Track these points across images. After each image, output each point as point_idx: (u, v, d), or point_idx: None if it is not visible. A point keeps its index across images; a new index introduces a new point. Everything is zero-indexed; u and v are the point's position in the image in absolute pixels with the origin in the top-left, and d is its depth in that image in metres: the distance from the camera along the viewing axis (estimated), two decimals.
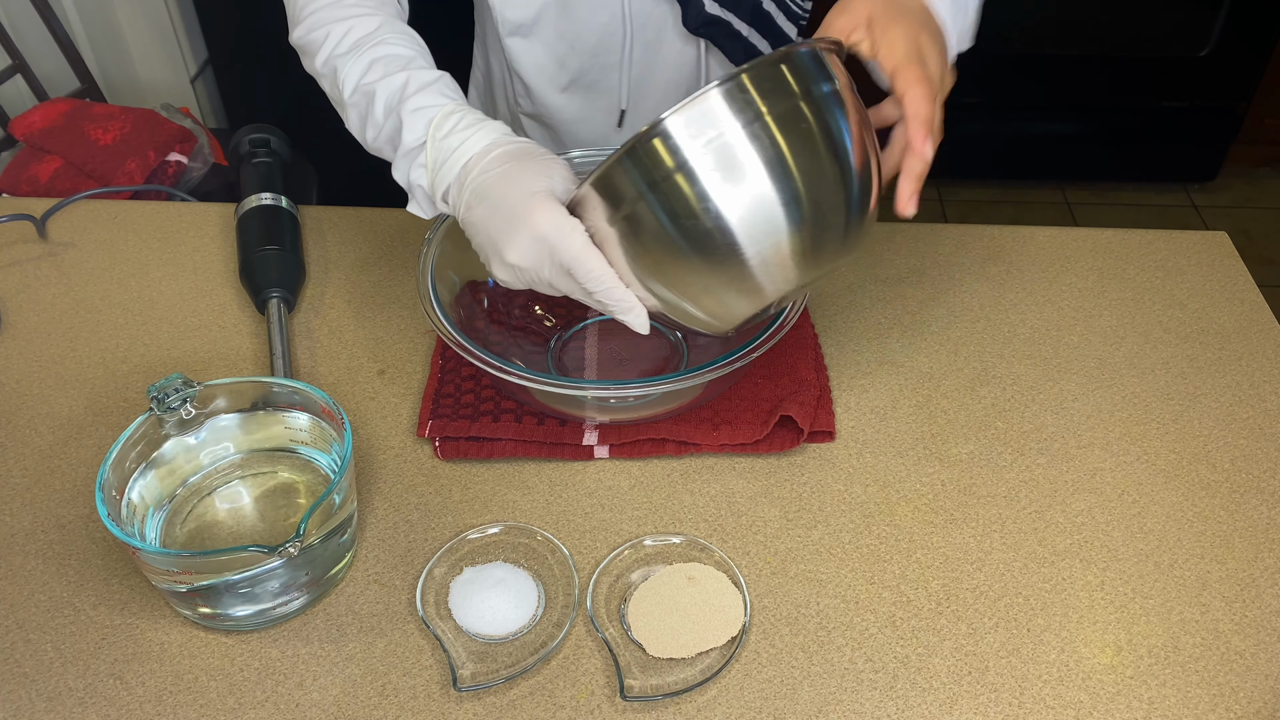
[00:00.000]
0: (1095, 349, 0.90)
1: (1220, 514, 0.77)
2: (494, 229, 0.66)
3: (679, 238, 0.62)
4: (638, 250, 0.64)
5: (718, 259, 0.63)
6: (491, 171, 0.67)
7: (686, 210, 0.61)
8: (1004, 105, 2.51)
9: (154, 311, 0.94)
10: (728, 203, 0.61)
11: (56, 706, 0.65)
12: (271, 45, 2.10)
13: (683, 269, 0.64)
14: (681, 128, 0.60)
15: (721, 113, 0.60)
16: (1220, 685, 0.66)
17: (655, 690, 0.65)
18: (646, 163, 0.61)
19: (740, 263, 0.63)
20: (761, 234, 0.62)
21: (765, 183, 0.61)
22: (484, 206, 0.66)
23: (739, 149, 0.60)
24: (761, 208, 0.61)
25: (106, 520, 0.63)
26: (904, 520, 0.76)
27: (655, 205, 0.62)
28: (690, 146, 0.60)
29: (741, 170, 0.61)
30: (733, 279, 0.64)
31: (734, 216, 0.61)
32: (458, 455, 0.79)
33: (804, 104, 0.62)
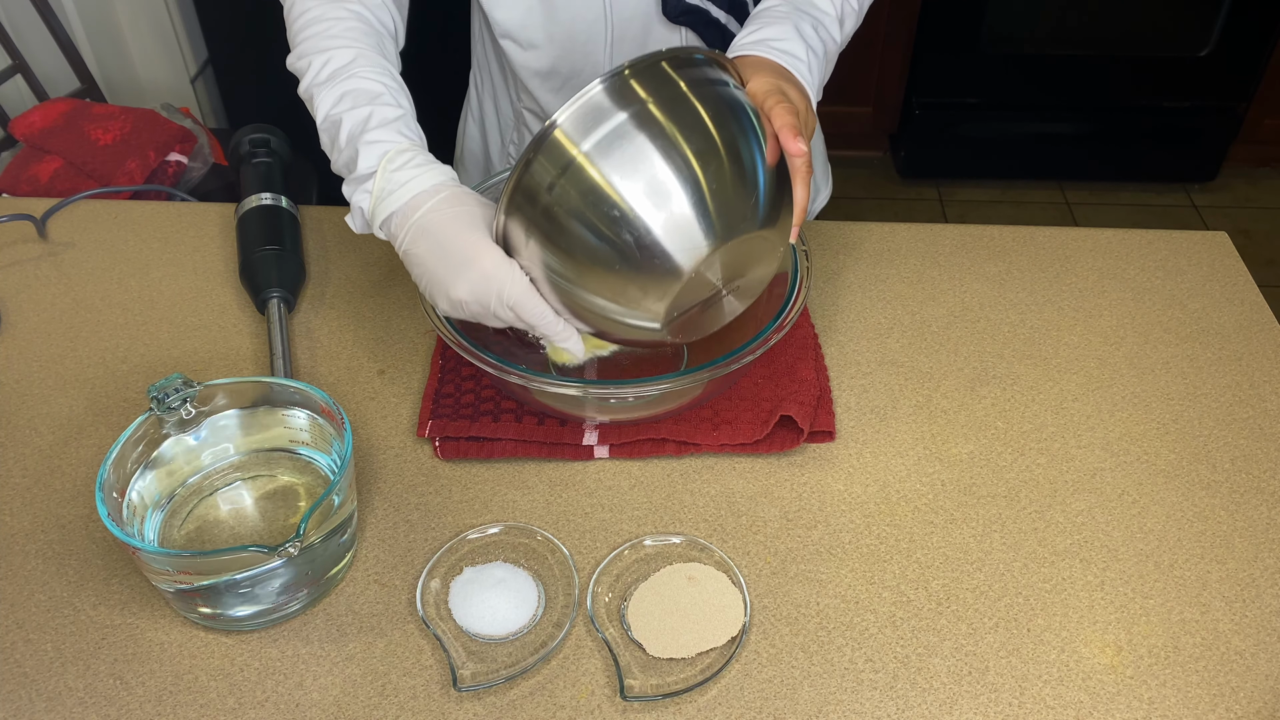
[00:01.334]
0: (1095, 349, 0.90)
1: (1220, 514, 0.77)
2: (440, 267, 0.70)
3: (588, 229, 0.65)
4: (557, 256, 0.67)
5: (626, 244, 0.65)
6: (439, 212, 0.70)
7: (591, 200, 0.65)
8: (1004, 105, 2.51)
9: (154, 311, 0.94)
10: (624, 181, 0.64)
11: (56, 706, 0.65)
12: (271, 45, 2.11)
13: (599, 262, 0.66)
14: (571, 127, 0.65)
15: (605, 106, 0.64)
16: (1220, 685, 0.66)
17: (655, 690, 0.65)
18: (542, 167, 0.65)
19: (649, 242, 0.65)
20: (660, 210, 0.65)
21: (655, 156, 0.64)
22: (428, 243, 0.70)
23: (626, 137, 0.64)
24: (654, 187, 0.64)
25: (106, 520, 0.63)
26: (904, 520, 0.76)
27: (561, 204, 0.65)
28: (582, 142, 0.64)
29: (632, 157, 0.64)
30: (648, 262, 0.66)
31: (633, 201, 0.64)
32: (458, 455, 0.79)
33: (686, 90, 0.67)
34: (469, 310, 0.71)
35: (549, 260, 0.68)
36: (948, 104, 2.51)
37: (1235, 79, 2.43)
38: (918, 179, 2.66)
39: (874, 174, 2.69)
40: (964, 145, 2.58)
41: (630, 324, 0.70)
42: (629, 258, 0.66)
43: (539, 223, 0.67)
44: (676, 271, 0.66)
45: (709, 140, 0.66)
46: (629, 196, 0.64)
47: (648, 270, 0.66)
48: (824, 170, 1.21)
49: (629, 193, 0.64)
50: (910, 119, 2.53)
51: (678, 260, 0.66)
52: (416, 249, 0.71)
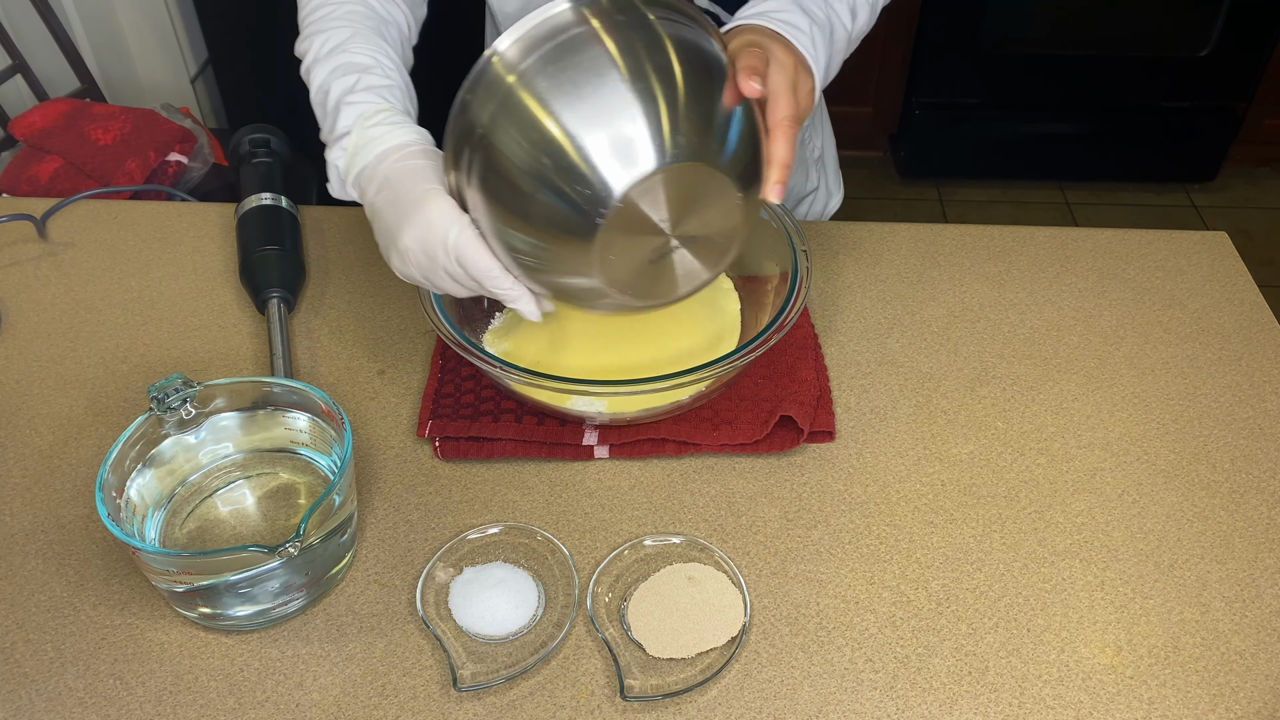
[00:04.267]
0: (1095, 349, 0.90)
1: (1220, 514, 0.77)
2: (392, 215, 0.70)
3: (518, 161, 0.62)
4: (494, 199, 0.64)
5: (546, 161, 0.61)
6: (401, 164, 0.71)
7: (522, 127, 0.62)
8: (1004, 105, 2.51)
9: (154, 311, 0.94)
10: (554, 102, 0.61)
11: (56, 706, 0.65)
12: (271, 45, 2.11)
13: (527, 196, 0.63)
14: (513, 47, 0.62)
15: (551, 29, 0.62)
16: (1220, 685, 0.66)
17: (655, 690, 0.65)
18: (484, 85, 0.63)
19: (575, 154, 0.61)
20: (592, 121, 0.61)
21: (596, 78, 0.61)
22: (387, 193, 0.71)
23: (572, 54, 0.61)
24: (593, 97, 0.61)
25: (106, 520, 0.63)
26: (904, 520, 0.76)
27: (495, 138, 0.63)
28: (517, 65, 0.62)
29: (576, 74, 0.61)
30: (573, 180, 0.61)
31: (561, 112, 0.61)
32: (458, 455, 0.79)
33: (625, 17, 0.63)
34: (416, 262, 0.70)
35: (490, 206, 0.65)
36: (948, 104, 2.51)
37: (1235, 79, 2.43)
38: (918, 179, 2.66)
39: (874, 174, 2.69)
40: (964, 145, 2.58)
41: (570, 273, 0.65)
42: (554, 184, 0.61)
43: (477, 165, 0.64)
44: (606, 193, 0.60)
45: (656, 61, 0.61)
46: (558, 114, 0.60)
47: (577, 199, 0.61)
48: (835, 175, 1.20)
49: (558, 110, 0.60)
50: (910, 119, 2.53)
51: (607, 179, 0.60)
52: (378, 199, 0.72)
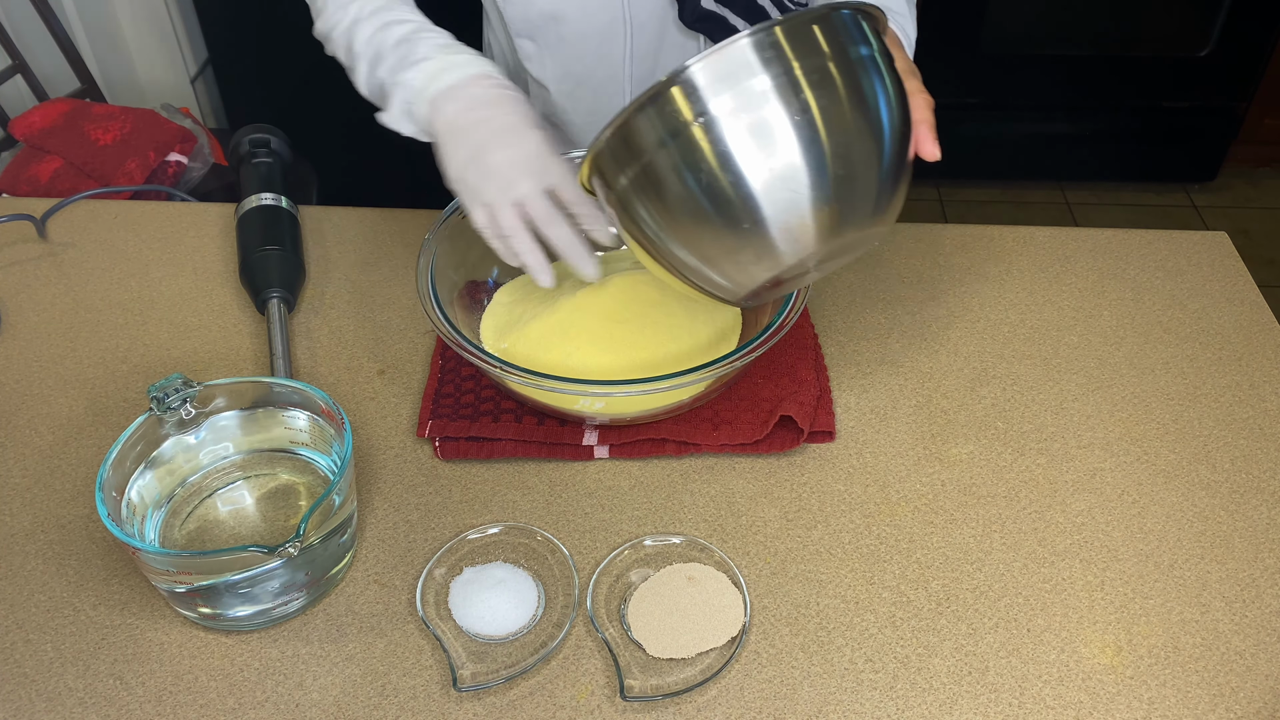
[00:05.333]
0: (1095, 349, 0.90)
1: (1220, 514, 0.76)
2: (485, 133, 0.73)
3: (697, 193, 0.62)
4: (653, 206, 0.64)
5: (735, 219, 0.62)
6: (495, 91, 0.75)
7: (705, 166, 0.60)
8: (1004, 105, 2.51)
9: (154, 311, 0.94)
10: (750, 161, 0.60)
11: (56, 706, 0.65)
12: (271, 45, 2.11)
13: (699, 227, 0.63)
14: (705, 76, 0.59)
15: (748, 64, 0.59)
16: (1220, 685, 0.66)
17: (655, 690, 0.65)
18: (667, 111, 0.60)
19: (760, 225, 0.62)
20: (784, 196, 0.61)
21: (791, 144, 0.59)
22: (481, 113, 0.74)
23: (766, 106, 0.59)
24: (785, 169, 0.60)
25: (106, 520, 0.63)
26: (904, 520, 0.76)
27: (674, 157, 0.61)
28: (713, 98, 0.59)
29: (767, 129, 0.59)
30: (750, 241, 0.63)
31: (756, 177, 0.60)
32: (458, 455, 0.79)
33: (835, 65, 0.61)
34: (500, 179, 0.72)
35: (643, 206, 0.64)
36: (948, 104, 2.49)
37: (1235, 79, 2.42)
38: (918, 179, 2.64)
39: None
40: (964, 145, 2.57)
41: (707, 288, 0.68)
42: (732, 237, 0.62)
43: (647, 169, 0.63)
44: (777, 261, 0.63)
45: (852, 129, 0.61)
46: (752, 175, 0.60)
47: (747, 253, 0.63)
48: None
49: (753, 171, 0.59)
50: None
51: (783, 252, 0.63)
52: (464, 117, 0.74)
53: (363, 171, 2.16)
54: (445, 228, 0.84)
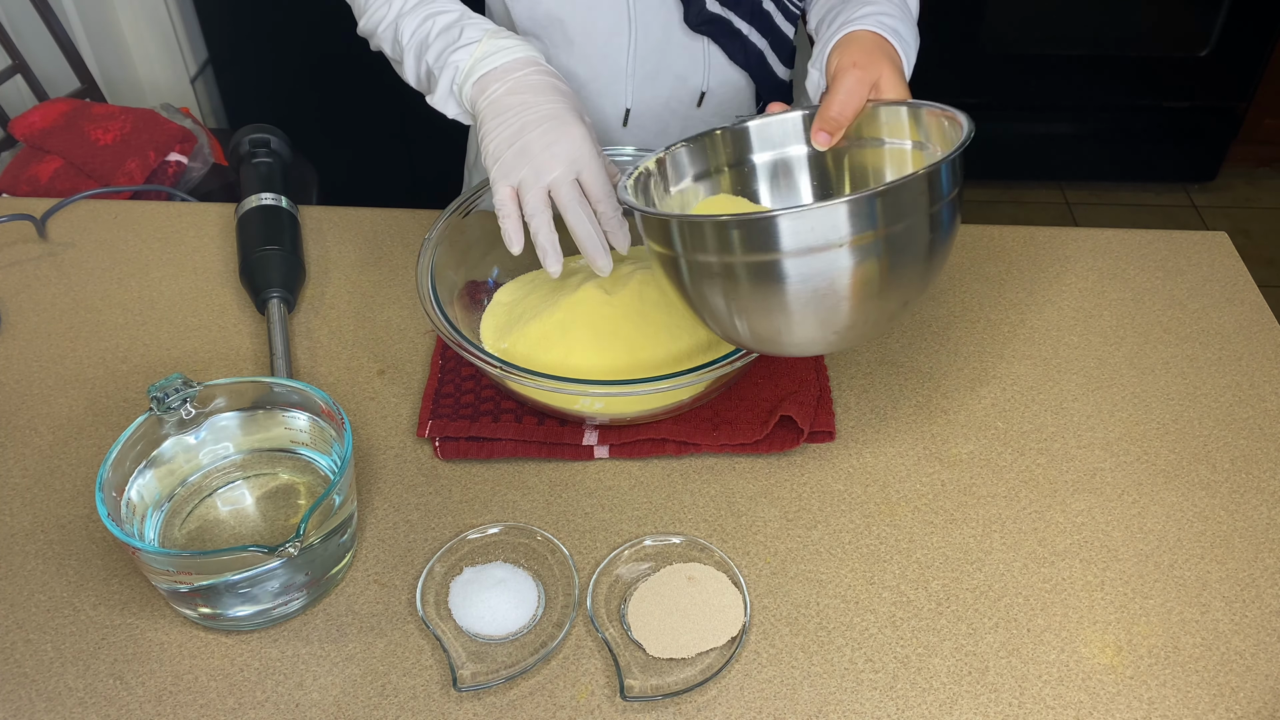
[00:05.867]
0: (1095, 349, 0.90)
1: (1220, 514, 0.76)
2: (534, 117, 0.76)
3: (744, 305, 0.66)
4: (699, 286, 0.67)
5: (771, 337, 0.67)
6: (539, 78, 0.78)
7: (760, 301, 0.64)
8: (1004, 105, 2.51)
9: (154, 311, 0.94)
10: (803, 312, 0.64)
11: (56, 706, 0.65)
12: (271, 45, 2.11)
13: (732, 322, 0.68)
14: (797, 223, 0.61)
15: (835, 225, 0.60)
16: (1220, 685, 0.66)
17: (655, 690, 0.65)
18: (754, 233, 0.62)
19: (789, 343, 0.68)
20: (818, 337, 0.67)
21: (844, 306, 0.64)
22: (524, 96, 0.77)
23: (837, 270, 0.62)
24: (830, 319, 0.65)
25: (106, 520, 0.63)
26: (904, 520, 0.76)
27: (735, 273, 0.64)
28: (792, 246, 0.61)
29: (833, 293, 0.63)
30: (776, 346, 0.69)
31: (803, 325, 0.66)
32: (458, 455, 0.79)
33: (912, 228, 0.63)
34: (537, 162, 0.74)
35: (690, 281, 0.67)
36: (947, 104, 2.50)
37: (1235, 79, 2.42)
38: None
39: None
40: None
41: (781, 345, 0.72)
42: (761, 340, 0.69)
43: (703, 264, 0.65)
44: (811, 350, 0.73)
45: (905, 286, 0.66)
46: (799, 319, 0.64)
47: (769, 345, 0.70)
48: None
49: (800, 315, 0.64)
50: None
51: (817, 350, 0.73)
52: (508, 98, 0.77)
53: (363, 171, 2.16)
54: (445, 228, 0.84)
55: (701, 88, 1.00)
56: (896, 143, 0.75)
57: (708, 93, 1.00)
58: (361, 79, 2.08)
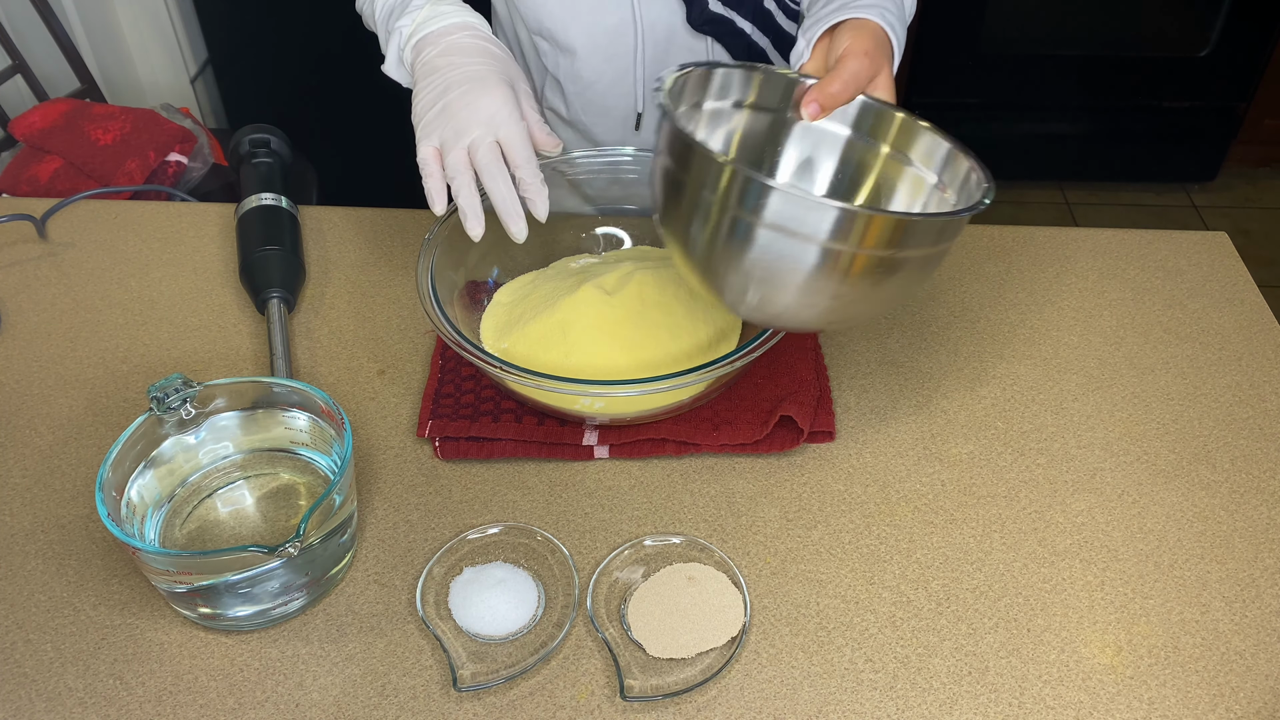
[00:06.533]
0: (1095, 349, 0.90)
1: (1220, 514, 0.76)
2: (458, 77, 0.77)
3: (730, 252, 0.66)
4: (699, 233, 0.68)
5: (741, 292, 0.68)
6: (470, 41, 0.80)
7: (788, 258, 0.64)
8: (1003, 105, 2.51)
9: (154, 311, 0.94)
10: (784, 281, 0.65)
11: (56, 706, 0.65)
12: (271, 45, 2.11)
13: (719, 273, 0.68)
14: (783, 205, 0.62)
15: (822, 224, 0.62)
16: (1220, 685, 0.66)
17: (655, 690, 0.65)
18: (769, 204, 0.62)
19: (772, 313, 0.70)
20: (796, 314, 0.69)
21: (806, 286, 0.65)
22: (453, 58, 0.78)
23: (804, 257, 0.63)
24: (804, 297, 0.66)
25: (106, 520, 0.63)
26: (904, 520, 0.76)
27: (733, 228, 0.64)
28: (800, 228, 0.62)
29: (814, 288, 0.65)
30: (758, 311, 0.70)
31: (784, 293, 0.67)
32: (458, 455, 0.79)
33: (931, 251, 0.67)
34: (458, 121, 0.75)
35: (692, 231, 0.67)
36: (948, 104, 2.50)
37: (1235, 79, 2.42)
38: None
39: None
40: None
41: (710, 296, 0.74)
42: (741, 296, 0.69)
43: (716, 205, 0.65)
44: (754, 316, 0.72)
45: (885, 300, 0.70)
46: (754, 281, 0.66)
47: (752, 311, 0.71)
48: None
49: (755, 279, 0.66)
50: None
51: (757, 318, 0.72)
52: (439, 60, 0.79)
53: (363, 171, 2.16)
54: (445, 228, 0.84)
55: None
56: (922, 171, 0.76)
57: None
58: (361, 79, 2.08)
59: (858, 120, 0.77)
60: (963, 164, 0.73)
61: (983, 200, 0.68)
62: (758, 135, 0.79)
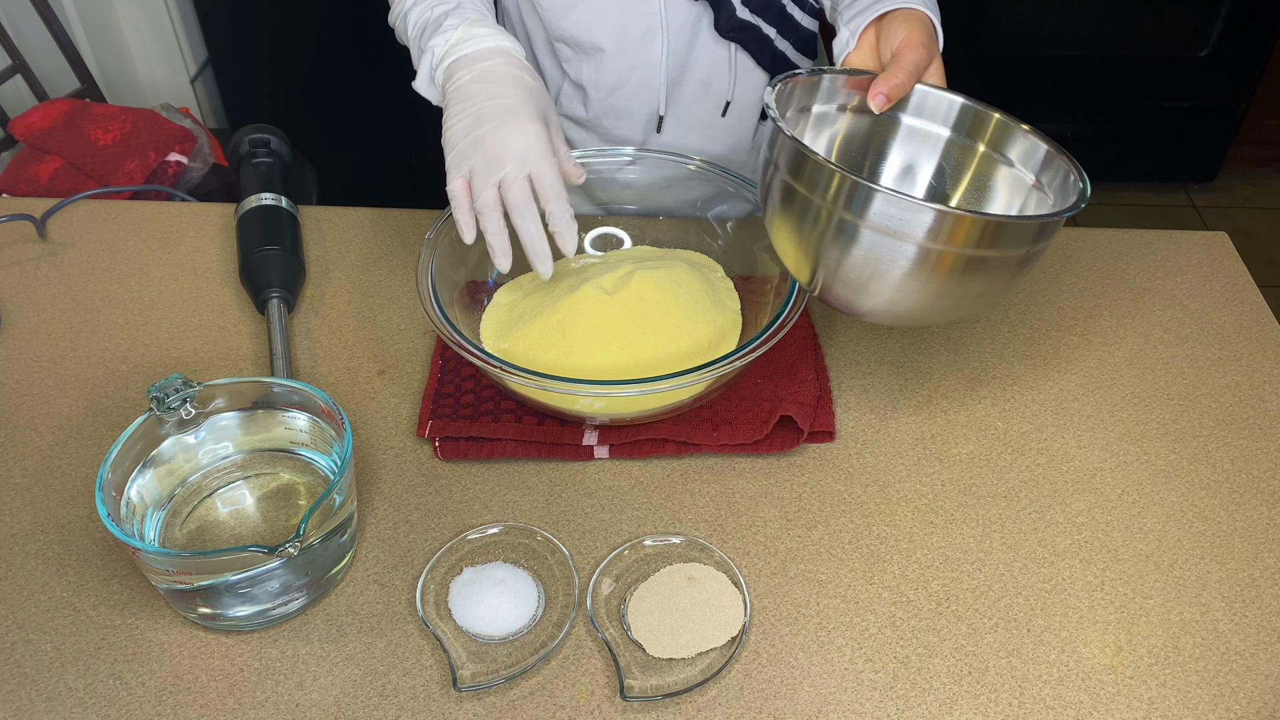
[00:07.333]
0: (1095, 349, 0.90)
1: (1220, 514, 0.76)
2: (493, 108, 0.76)
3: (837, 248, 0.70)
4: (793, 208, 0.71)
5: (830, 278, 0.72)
6: (505, 69, 0.78)
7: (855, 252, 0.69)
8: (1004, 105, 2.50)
9: (154, 311, 0.94)
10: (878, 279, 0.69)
11: (56, 706, 0.65)
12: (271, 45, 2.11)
13: (816, 257, 0.72)
14: (885, 205, 0.65)
15: (921, 223, 0.65)
16: (1220, 685, 0.66)
17: (655, 690, 0.65)
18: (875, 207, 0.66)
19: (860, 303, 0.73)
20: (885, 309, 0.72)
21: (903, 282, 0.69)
22: (487, 86, 0.77)
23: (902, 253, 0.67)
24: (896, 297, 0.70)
25: (106, 520, 0.63)
26: (904, 520, 0.76)
27: (840, 227, 0.68)
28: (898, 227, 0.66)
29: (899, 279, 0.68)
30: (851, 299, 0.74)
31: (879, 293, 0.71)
32: (458, 455, 0.79)
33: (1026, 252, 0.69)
34: (491, 154, 0.75)
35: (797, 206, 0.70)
36: None
37: (1235, 79, 2.42)
38: None
39: None
40: None
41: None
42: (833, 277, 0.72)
43: (817, 209, 0.69)
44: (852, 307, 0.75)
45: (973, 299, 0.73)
46: (855, 276, 0.70)
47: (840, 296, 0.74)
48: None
49: (856, 274, 0.69)
50: None
51: (854, 308, 0.75)
52: (472, 86, 0.78)
53: (363, 171, 2.16)
54: (445, 227, 0.84)
55: (727, 96, 1.00)
56: (1021, 171, 0.80)
57: (733, 101, 1.01)
58: (361, 79, 2.08)
59: (957, 120, 0.81)
60: (1061, 165, 0.77)
61: (1078, 203, 0.70)
62: (860, 137, 0.83)
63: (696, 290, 0.85)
